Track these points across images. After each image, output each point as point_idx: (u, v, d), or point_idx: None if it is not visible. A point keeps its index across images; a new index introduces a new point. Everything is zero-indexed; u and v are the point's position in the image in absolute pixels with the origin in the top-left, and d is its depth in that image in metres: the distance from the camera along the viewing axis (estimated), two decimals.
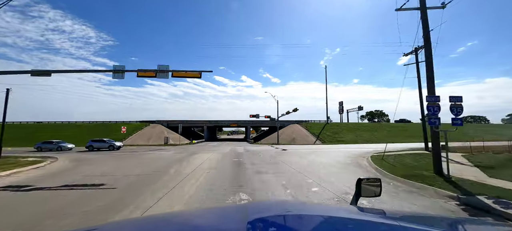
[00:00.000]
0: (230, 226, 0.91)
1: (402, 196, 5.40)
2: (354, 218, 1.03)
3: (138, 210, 4.37)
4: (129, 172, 9.10)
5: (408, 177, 7.10)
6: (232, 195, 5.39)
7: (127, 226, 1.05)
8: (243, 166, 10.53)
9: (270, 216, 1.06)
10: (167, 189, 5.95)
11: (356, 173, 8.73)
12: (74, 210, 4.40)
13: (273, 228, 0.87)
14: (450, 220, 1.17)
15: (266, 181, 7.13)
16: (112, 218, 3.97)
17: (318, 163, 11.71)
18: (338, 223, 0.96)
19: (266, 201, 4.38)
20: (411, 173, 7.75)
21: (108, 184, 6.63)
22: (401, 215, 1.27)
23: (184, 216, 1.25)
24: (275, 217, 1.03)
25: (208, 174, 8.34)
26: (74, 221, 3.80)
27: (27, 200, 5.30)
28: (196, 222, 1.06)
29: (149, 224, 1.05)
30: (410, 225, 0.91)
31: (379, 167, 9.50)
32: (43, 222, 3.76)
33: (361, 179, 1.50)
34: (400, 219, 1.04)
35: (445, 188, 5.72)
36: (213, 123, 53.26)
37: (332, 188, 6.10)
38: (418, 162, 11.03)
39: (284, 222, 0.98)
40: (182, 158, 14.25)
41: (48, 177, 8.11)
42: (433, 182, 6.40)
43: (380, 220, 1.00)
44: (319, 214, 1.12)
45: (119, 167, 10.82)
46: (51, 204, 4.86)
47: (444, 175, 7.13)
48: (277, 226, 0.91)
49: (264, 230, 0.84)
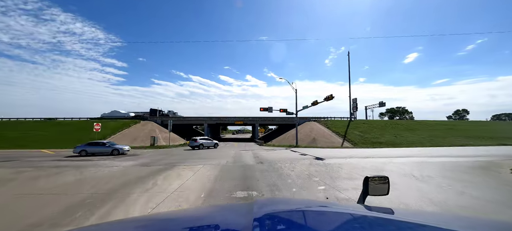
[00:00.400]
0: (236, 221, 0.91)
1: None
2: (361, 216, 0.99)
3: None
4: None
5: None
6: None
7: (134, 224, 1.01)
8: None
9: (277, 212, 1.05)
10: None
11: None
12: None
13: (280, 225, 0.87)
14: (462, 218, 1.10)
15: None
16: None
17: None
18: (344, 220, 0.93)
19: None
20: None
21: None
22: (411, 213, 1.20)
23: (190, 213, 1.25)
24: (281, 213, 1.03)
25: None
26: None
27: None
28: (203, 219, 1.04)
29: (156, 221, 1.05)
30: (420, 224, 0.85)
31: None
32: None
33: (368, 177, 1.48)
34: (409, 218, 0.99)
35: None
36: (215, 120, 45.76)
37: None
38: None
39: (291, 218, 0.97)
40: (122, 184, 6.86)
41: None
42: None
43: (388, 219, 0.93)
44: (325, 211, 1.09)
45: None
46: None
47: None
48: (283, 222, 0.90)
49: (270, 226, 0.82)
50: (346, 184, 6.36)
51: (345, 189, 5.87)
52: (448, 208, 4.41)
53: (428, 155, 14.41)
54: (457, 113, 79.43)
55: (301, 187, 6.16)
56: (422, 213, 1.27)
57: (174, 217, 1.12)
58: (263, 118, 45.33)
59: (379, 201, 4.18)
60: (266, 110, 27.20)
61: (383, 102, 53.16)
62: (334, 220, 0.92)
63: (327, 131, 33.96)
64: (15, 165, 10.92)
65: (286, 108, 27.36)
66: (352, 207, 1.39)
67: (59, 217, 3.91)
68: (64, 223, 3.63)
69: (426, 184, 6.35)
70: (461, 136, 30.11)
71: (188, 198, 5.11)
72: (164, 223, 1.01)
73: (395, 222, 0.90)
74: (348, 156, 14.72)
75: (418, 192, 5.43)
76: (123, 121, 40.88)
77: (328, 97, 20.64)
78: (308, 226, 0.85)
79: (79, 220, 3.78)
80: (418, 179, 6.98)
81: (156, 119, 41.92)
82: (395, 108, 78.72)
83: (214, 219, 1.03)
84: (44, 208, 4.41)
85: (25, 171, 9.16)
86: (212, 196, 5.27)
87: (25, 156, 15.57)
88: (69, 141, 27.24)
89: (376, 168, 9.56)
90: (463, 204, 4.57)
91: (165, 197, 5.14)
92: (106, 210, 4.27)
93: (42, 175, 8.24)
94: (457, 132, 32.51)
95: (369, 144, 26.13)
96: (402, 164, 10.21)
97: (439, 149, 20.05)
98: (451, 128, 35.94)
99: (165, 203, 4.73)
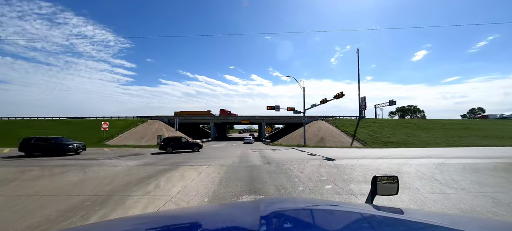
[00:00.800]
0: (243, 220, 0.90)
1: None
2: (369, 216, 0.95)
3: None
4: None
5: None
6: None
7: (142, 221, 1.02)
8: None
9: (283, 210, 1.03)
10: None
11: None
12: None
13: (287, 223, 0.86)
14: (473, 220, 1.08)
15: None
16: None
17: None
18: (353, 220, 0.91)
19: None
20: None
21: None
22: (421, 214, 1.13)
23: (197, 211, 1.25)
24: (288, 211, 1.01)
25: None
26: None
27: None
28: (210, 217, 1.04)
29: (164, 218, 1.06)
30: (432, 225, 0.82)
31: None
32: None
33: (376, 176, 1.45)
34: (420, 218, 0.95)
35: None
36: (222, 119, 45.62)
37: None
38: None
39: (298, 217, 0.96)
40: (125, 184, 6.56)
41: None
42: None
43: (397, 219, 0.90)
44: (333, 210, 1.07)
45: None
46: None
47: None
48: (290, 221, 0.89)
49: (277, 224, 0.81)
50: (362, 188, 5.83)
51: (361, 193, 5.34)
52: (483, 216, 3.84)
53: (446, 156, 13.55)
54: (472, 112, 76.31)
55: (313, 191, 5.67)
56: (434, 214, 1.17)
57: (181, 215, 1.13)
58: (270, 116, 44.81)
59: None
60: (273, 109, 26.67)
61: (393, 101, 50.95)
62: (342, 219, 0.92)
63: (335, 130, 33.13)
64: (21, 164, 10.92)
65: (293, 107, 26.73)
66: (360, 206, 1.36)
67: (57, 219, 3.60)
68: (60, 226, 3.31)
69: (451, 188, 5.73)
70: (478, 135, 28.63)
71: (190, 203, 4.73)
72: (172, 220, 1.01)
73: (405, 222, 0.87)
74: (359, 156, 14.05)
75: (445, 199, 4.84)
76: (131, 119, 41.34)
77: (338, 95, 19.92)
78: (316, 224, 0.83)
79: (76, 224, 3.45)
80: (442, 183, 6.35)
81: (163, 118, 42.13)
82: (406, 106, 76.45)
83: (220, 217, 1.03)
84: (42, 210, 4.12)
85: (31, 170, 9.07)
86: (217, 201, 4.87)
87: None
88: (78, 140, 27.66)
89: (391, 169, 8.93)
90: (501, 213, 3.97)
91: (166, 201, 4.78)
92: (104, 212, 3.94)
93: (46, 174, 8.09)
94: (473, 131, 30.98)
95: (380, 144, 25.22)
96: (420, 166, 9.52)
97: (456, 149, 19.02)
98: (466, 126, 34.35)
99: (165, 208, 4.36)
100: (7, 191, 5.67)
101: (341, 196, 5.19)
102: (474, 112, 75.52)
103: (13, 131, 31.82)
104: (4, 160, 12.63)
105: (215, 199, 5.00)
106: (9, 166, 10.39)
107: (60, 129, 34.24)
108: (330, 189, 5.85)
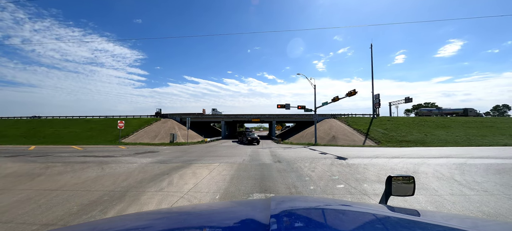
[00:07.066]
0: (254, 217, 0.90)
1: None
2: (384, 217, 0.91)
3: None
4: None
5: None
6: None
7: (154, 216, 1.03)
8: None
9: (294, 209, 1.02)
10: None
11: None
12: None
13: (298, 222, 0.84)
14: (498, 224, 0.95)
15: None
16: None
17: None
18: (366, 220, 0.87)
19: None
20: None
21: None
22: (439, 216, 1.01)
23: (208, 208, 1.24)
24: (299, 210, 1.00)
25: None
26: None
27: None
28: (220, 214, 1.05)
29: (176, 214, 1.08)
30: (451, 228, 0.78)
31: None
32: None
33: (391, 176, 1.41)
34: (437, 220, 0.87)
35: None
36: (232, 117, 45.96)
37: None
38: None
39: (309, 216, 0.93)
40: (140, 180, 6.79)
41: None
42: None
43: (413, 221, 0.86)
44: (345, 210, 1.03)
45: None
46: None
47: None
48: (301, 220, 0.87)
49: (288, 223, 0.80)
50: (376, 188, 5.67)
51: (375, 193, 5.20)
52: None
53: (467, 156, 12.86)
54: (496, 110, 71.74)
55: (324, 190, 5.60)
56: (453, 216, 1.10)
57: (192, 211, 1.15)
58: (280, 115, 44.58)
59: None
60: (283, 107, 26.49)
61: (409, 98, 48.85)
62: (354, 220, 0.89)
63: (347, 128, 32.37)
64: (45, 160, 11.62)
65: (304, 105, 26.40)
66: (373, 206, 1.32)
67: (78, 212, 3.82)
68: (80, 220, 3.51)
69: (472, 190, 5.44)
70: (503, 134, 26.90)
71: (201, 200, 4.83)
72: (183, 216, 1.03)
73: (422, 224, 0.83)
74: (373, 155, 13.66)
75: (466, 201, 4.61)
76: (146, 118, 42.71)
77: (350, 93, 19.42)
78: (327, 224, 0.82)
79: (95, 218, 3.65)
80: (462, 184, 6.05)
81: (175, 117, 43.12)
82: (423, 104, 73.18)
83: (231, 214, 1.04)
84: (65, 203, 4.38)
85: (54, 166, 9.64)
86: (228, 198, 4.94)
87: (57, 152, 16.68)
88: (96, 137, 28.99)
89: (407, 169, 8.62)
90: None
91: (179, 197, 4.91)
92: (121, 207, 4.12)
93: (68, 170, 8.57)
94: (497, 130, 29.14)
95: (395, 143, 24.36)
96: (438, 166, 9.10)
97: (479, 149, 17.98)
98: (491, 125, 32.34)
99: (178, 204, 4.49)
100: (34, 185, 6.07)
101: (353, 196, 5.09)
102: (498, 109, 70.94)
103: (38, 129, 33.88)
104: (32, 157, 13.49)
105: (226, 196, 5.07)
106: (36, 162, 11.09)
107: (80, 126, 36.04)
108: (342, 188, 5.75)
